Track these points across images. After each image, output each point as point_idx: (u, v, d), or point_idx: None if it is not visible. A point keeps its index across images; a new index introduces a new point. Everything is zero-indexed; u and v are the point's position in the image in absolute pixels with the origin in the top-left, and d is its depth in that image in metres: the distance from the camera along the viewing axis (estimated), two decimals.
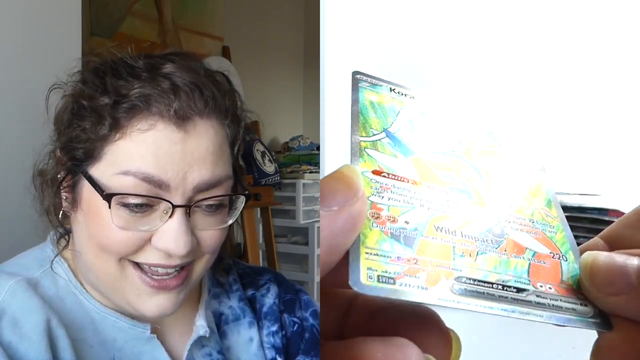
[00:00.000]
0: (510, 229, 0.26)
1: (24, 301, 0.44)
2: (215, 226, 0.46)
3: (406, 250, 0.22)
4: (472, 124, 0.32)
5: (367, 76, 0.31)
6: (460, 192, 0.26)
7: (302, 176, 2.17)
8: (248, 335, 0.55)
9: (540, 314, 0.22)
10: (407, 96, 0.31)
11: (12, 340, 0.41)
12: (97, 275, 0.46)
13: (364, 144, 0.26)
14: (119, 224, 0.42)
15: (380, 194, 0.24)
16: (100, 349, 0.46)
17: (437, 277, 0.22)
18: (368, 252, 0.22)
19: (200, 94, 0.44)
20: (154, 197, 0.42)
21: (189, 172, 0.42)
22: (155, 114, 0.42)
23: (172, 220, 0.42)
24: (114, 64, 0.45)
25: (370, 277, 0.21)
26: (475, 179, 0.28)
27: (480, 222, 0.25)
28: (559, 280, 0.24)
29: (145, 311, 0.44)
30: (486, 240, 0.25)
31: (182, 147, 0.42)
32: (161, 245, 0.43)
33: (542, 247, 0.26)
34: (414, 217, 0.24)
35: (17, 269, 0.47)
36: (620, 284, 0.22)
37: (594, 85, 1.56)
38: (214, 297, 0.55)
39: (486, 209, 0.26)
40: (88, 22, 1.31)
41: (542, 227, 0.27)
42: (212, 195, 0.44)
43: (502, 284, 0.23)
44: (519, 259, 0.25)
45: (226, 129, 0.46)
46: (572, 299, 0.23)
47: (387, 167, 0.26)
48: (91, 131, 0.43)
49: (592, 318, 0.23)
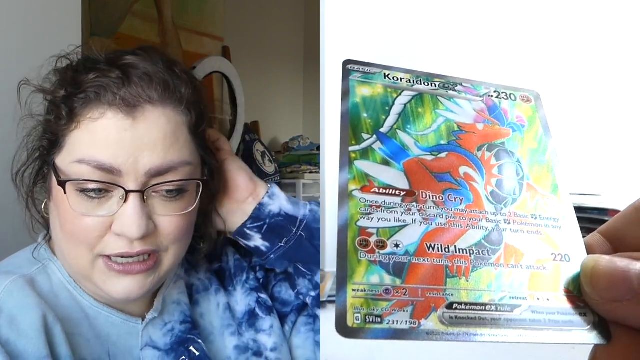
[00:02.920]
0: (510, 232, 0.25)
1: (20, 299, 0.44)
2: (175, 212, 0.47)
3: (395, 280, 0.22)
4: (474, 100, 0.30)
5: (359, 64, 0.29)
6: (456, 195, 0.25)
7: (302, 176, 2.16)
8: (216, 301, 0.57)
9: (534, 334, 0.22)
10: (402, 80, 0.30)
11: (10, 337, 0.42)
12: (70, 264, 0.48)
13: (354, 154, 0.25)
14: (78, 210, 0.44)
15: (369, 216, 0.23)
16: (96, 343, 0.48)
17: (426, 307, 0.21)
18: (355, 289, 0.21)
19: (149, 82, 0.46)
20: (105, 182, 0.44)
21: (140, 158, 0.44)
22: (104, 103, 0.44)
23: (127, 205, 0.44)
24: (78, 61, 0.49)
25: (357, 319, 0.20)
26: (475, 176, 0.26)
27: (477, 229, 0.24)
28: (558, 287, 0.24)
29: (113, 293, 0.46)
30: (482, 251, 0.24)
31: (132, 133, 0.44)
32: (118, 229, 0.44)
33: (544, 247, 0.25)
34: (405, 237, 0.23)
35: (11, 268, 0.48)
36: (622, 290, 0.21)
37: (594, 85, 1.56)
38: (185, 272, 0.58)
39: (484, 213, 0.25)
40: (88, 22, 1.31)
41: (545, 223, 0.26)
42: (166, 180, 0.45)
43: (495, 304, 0.22)
44: (516, 268, 0.24)
45: (182, 116, 0.47)
46: (570, 310, 0.23)
47: (378, 179, 0.25)
48: (53, 122, 0.46)
49: (591, 330, 0.22)
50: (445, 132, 0.28)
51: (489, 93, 0.30)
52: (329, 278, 1.59)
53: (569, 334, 0.22)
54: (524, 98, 0.31)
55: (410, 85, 0.29)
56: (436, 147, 0.27)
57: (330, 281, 1.59)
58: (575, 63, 1.56)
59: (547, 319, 0.22)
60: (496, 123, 0.29)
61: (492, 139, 0.28)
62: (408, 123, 0.28)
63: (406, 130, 0.27)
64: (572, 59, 1.56)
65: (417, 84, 0.30)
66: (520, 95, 0.31)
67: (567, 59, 1.57)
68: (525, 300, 0.23)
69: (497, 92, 0.31)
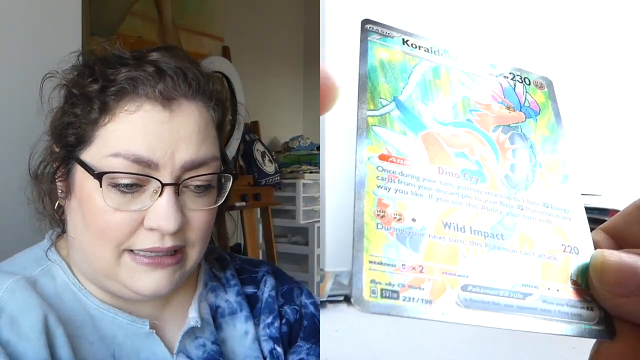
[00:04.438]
0: (522, 219, 0.25)
1: (21, 299, 0.44)
2: (204, 206, 0.47)
3: (412, 255, 0.21)
4: (489, 79, 0.29)
5: (378, 25, 0.28)
6: (472, 174, 0.25)
7: (302, 176, 2.16)
8: (244, 329, 0.55)
9: (544, 325, 0.22)
10: (421, 49, 0.29)
11: (11, 338, 0.42)
12: (91, 263, 0.46)
13: (372, 119, 0.25)
14: (111, 205, 0.43)
15: (387, 186, 0.23)
16: (100, 345, 0.47)
17: (442, 286, 0.21)
18: (372, 260, 0.21)
19: (184, 77, 0.46)
20: (143, 175, 0.43)
21: (176, 151, 0.44)
22: (141, 95, 0.44)
23: (162, 198, 0.44)
24: (104, 56, 0.48)
25: (374, 292, 0.20)
26: (490, 157, 0.26)
27: (492, 213, 0.24)
28: (567, 279, 0.24)
29: (142, 289, 0.45)
30: (496, 235, 0.24)
31: (169, 126, 0.44)
32: (152, 223, 0.44)
33: (555, 237, 0.25)
34: (422, 212, 0.23)
35: (15, 268, 0.48)
36: (631, 285, 0.21)
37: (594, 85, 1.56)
38: (211, 291, 0.56)
39: (498, 196, 0.25)
40: (88, 22, 1.31)
41: (556, 213, 0.26)
42: (199, 174, 0.46)
43: (508, 290, 0.22)
44: (528, 255, 0.24)
45: (211, 112, 0.48)
46: (578, 303, 0.23)
47: (396, 148, 0.24)
48: (82, 116, 0.45)
49: (597, 325, 0.22)
50: (462, 108, 0.27)
51: (504, 74, 0.30)
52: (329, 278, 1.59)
53: (576, 327, 0.22)
54: (537, 84, 0.31)
55: (430, 55, 0.29)
56: (453, 123, 0.27)
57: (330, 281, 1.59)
58: (575, 64, 1.56)
59: (557, 310, 0.22)
60: (511, 105, 0.29)
61: (507, 122, 0.28)
62: (426, 94, 0.27)
63: (424, 101, 0.27)
64: (573, 60, 1.56)
65: (435, 55, 0.29)
66: (534, 81, 0.31)
67: (567, 59, 1.57)
68: (537, 289, 0.23)
69: (512, 73, 0.30)
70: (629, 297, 0.21)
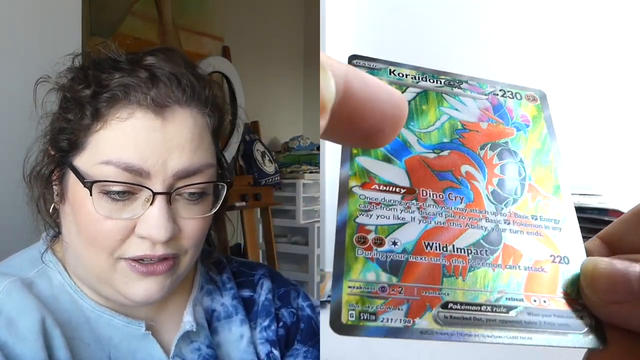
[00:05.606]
0: (509, 233, 0.24)
1: (18, 301, 0.44)
2: (198, 215, 0.46)
3: (391, 277, 0.21)
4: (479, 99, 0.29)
5: (364, 60, 0.29)
6: (457, 194, 0.25)
7: (302, 176, 2.16)
8: (239, 332, 0.55)
9: (529, 336, 0.21)
10: (408, 77, 0.29)
11: (8, 340, 0.42)
12: (86, 267, 0.46)
13: (355, 150, 0.25)
14: (102, 213, 0.43)
15: (368, 213, 0.23)
16: (96, 347, 0.47)
17: (421, 306, 0.21)
18: (351, 285, 0.21)
19: (178, 83, 0.45)
20: (134, 184, 0.43)
21: (169, 159, 0.43)
22: (133, 102, 0.43)
23: (153, 207, 0.43)
24: (99, 60, 0.47)
25: (352, 316, 0.20)
26: (476, 175, 0.26)
27: (476, 230, 0.24)
28: (555, 290, 0.23)
29: (133, 296, 0.45)
30: (480, 251, 0.23)
31: (161, 134, 0.43)
32: (143, 232, 0.43)
33: (543, 248, 0.25)
34: (403, 235, 0.23)
35: (11, 270, 0.48)
36: (622, 292, 0.21)
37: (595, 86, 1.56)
38: (207, 294, 0.56)
39: (484, 213, 0.25)
40: (88, 22, 1.31)
41: (545, 224, 0.25)
42: (192, 182, 0.45)
43: (491, 305, 0.22)
44: (514, 269, 0.23)
45: (206, 118, 0.47)
46: (567, 313, 0.22)
47: (379, 176, 0.24)
48: (75, 122, 0.44)
49: (587, 334, 0.22)
50: (448, 130, 0.28)
51: (495, 91, 0.30)
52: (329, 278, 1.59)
53: (564, 337, 0.22)
54: (530, 97, 0.31)
55: (416, 82, 0.29)
56: (439, 145, 0.27)
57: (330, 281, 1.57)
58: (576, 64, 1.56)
59: (543, 321, 0.22)
60: (500, 122, 0.29)
61: (496, 138, 0.28)
62: (411, 120, 0.27)
63: (409, 127, 0.27)
64: (573, 60, 1.56)
65: (422, 81, 0.29)
66: (526, 95, 0.31)
67: (568, 60, 1.57)
68: (521, 301, 0.22)
69: (503, 90, 0.30)
70: (621, 303, 0.21)
